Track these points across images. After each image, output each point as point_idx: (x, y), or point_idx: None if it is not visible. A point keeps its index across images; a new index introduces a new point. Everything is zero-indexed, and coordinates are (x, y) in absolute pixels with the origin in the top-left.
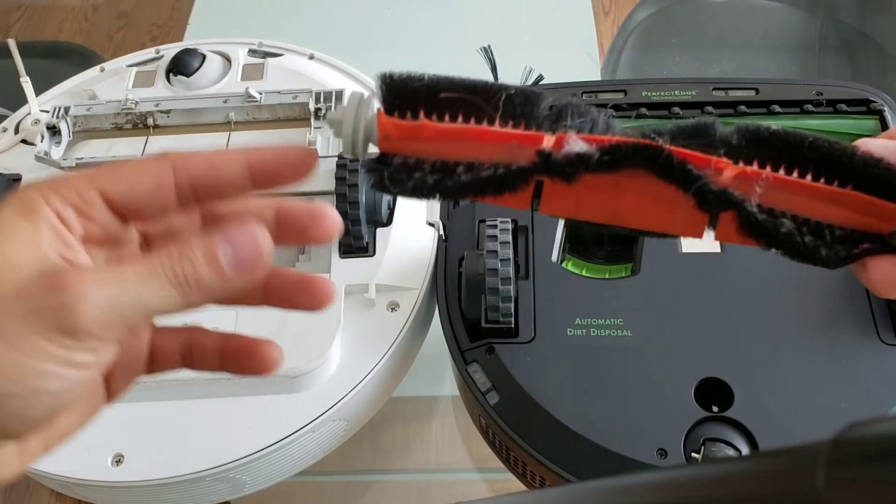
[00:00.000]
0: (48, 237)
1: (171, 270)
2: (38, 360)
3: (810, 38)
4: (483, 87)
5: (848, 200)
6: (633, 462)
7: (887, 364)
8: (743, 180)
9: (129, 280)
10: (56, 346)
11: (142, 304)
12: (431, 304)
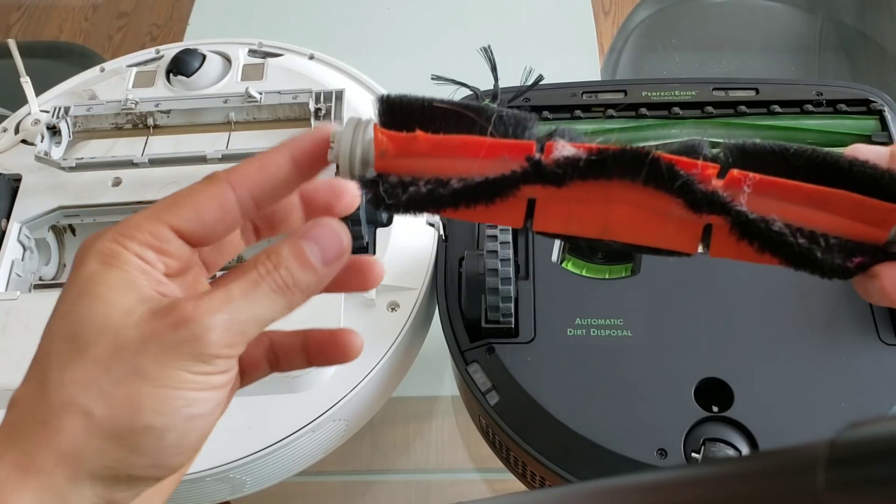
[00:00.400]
0: (141, 279)
1: (272, 281)
2: (184, 390)
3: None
4: (476, 107)
5: (837, 202)
6: (633, 462)
7: (887, 364)
8: (731, 183)
9: (238, 299)
10: (196, 374)
11: (255, 317)
12: (431, 304)
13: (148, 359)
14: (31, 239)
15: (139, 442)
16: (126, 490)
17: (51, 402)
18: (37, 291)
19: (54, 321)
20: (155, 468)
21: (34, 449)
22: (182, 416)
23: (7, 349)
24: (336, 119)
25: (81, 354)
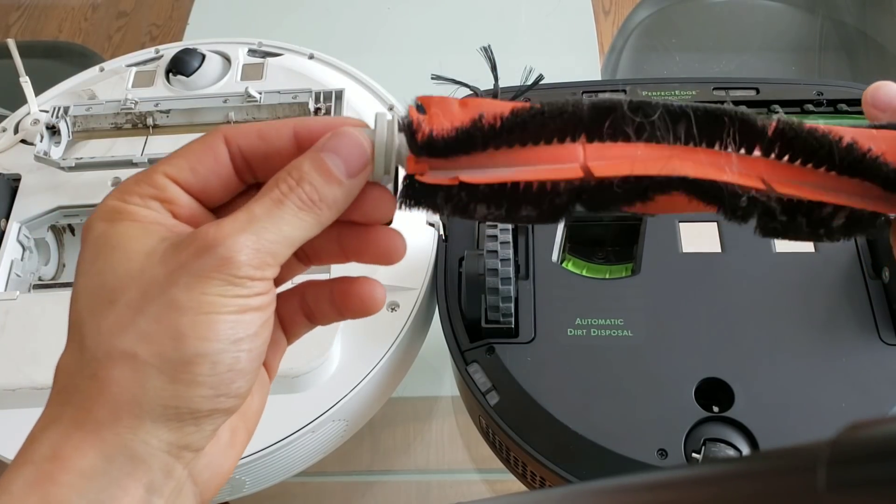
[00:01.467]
0: (153, 225)
1: (296, 197)
2: (224, 313)
3: (811, 37)
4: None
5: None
6: (633, 462)
7: (888, 364)
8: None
9: (262, 219)
10: (232, 296)
11: (283, 237)
12: (431, 304)
13: (180, 290)
14: (31, 239)
15: (194, 371)
16: (195, 429)
17: (94, 355)
18: (36, 291)
19: (78, 284)
20: (217, 398)
21: (89, 404)
22: (228, 337)
23: (6, 349)
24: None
25: (112, 303)
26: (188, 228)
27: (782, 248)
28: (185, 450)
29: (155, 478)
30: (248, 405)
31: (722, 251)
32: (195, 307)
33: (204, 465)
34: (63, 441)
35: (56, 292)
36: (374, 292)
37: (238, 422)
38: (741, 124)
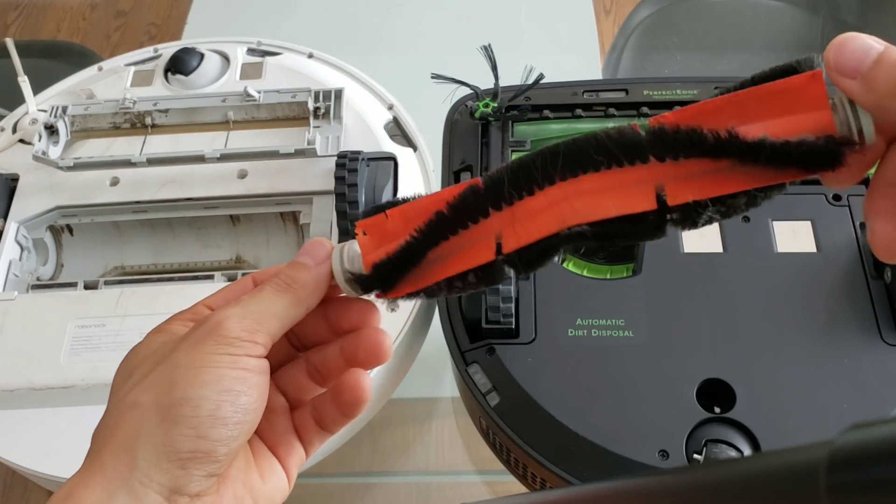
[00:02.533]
0: (178, 330)
1: (273, 283)
2: (212, 367)
3: (812, 37)
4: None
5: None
6: (634, 464)
7: (890, 364)
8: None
9: (247, 299)
10: (222, 353)
11: (265, 307)
12: (431, 304)
13: (180, 353)
14: (29, 239)
15: (178, 413)
16: (181, 472)
17: (110, 410)
18: (34, 292)
19: (115, 375)
20: (197, 439)
21: (100, 450)
22: (214, 388)
23: (4, 350)
24: (335, 118)
25: (132, 374)
26: None
27: (784, 248)
28: (178, 493)
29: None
30: (255, 482)
31: (723, 251)
32: (189, 363)
33: None
34: (77, 482)
35: (54, 292)
36: (359, 384)
37: (244, 493)
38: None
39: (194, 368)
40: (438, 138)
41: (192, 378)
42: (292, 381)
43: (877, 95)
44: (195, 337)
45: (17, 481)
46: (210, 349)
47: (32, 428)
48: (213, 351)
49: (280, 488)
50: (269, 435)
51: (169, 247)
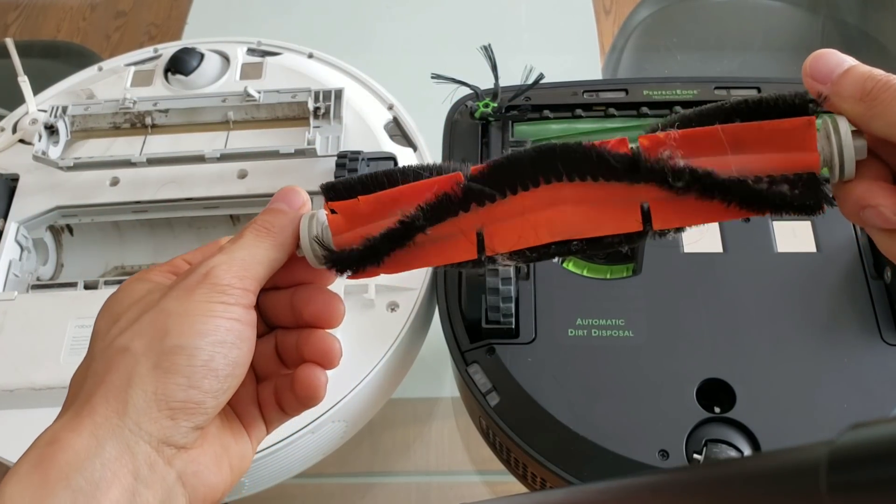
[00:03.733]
0: (159, 279)
1: (252, 229)
2: (205, 316)
3: (812, 37)
4: (402, 169)
5: (754, 137)
6: (634, 463)
7: (890, 364)
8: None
9: (230, 247)
10: (215, 302)
11: (249, 253)
12: (431, 304)
13: (171, 300)
14: (29, 239)
15: (172, 361)
16: (171, 423)
17: (97, 355)
18: (34, 292)
19: (95, 323)
20: (190, 389)
21: (88, 396)
22: (209, 339)
23: (4, 350)
24: (335, 118)
25: (117, 320)
26: None
27: (784, 248)
28: (165, 444)
29: (140, 466)
30: (229, 441)
31: (723, 251)
32: (181, 311)
33: (192, 472)
34: (63, 427)
35: (54, 292)
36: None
37: (221, 451)
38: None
39: (188, 316)
40: (438, 138)
41: (187, 326)
42: (261, 355)
43: (840, 98)
44: (185, 284)
45: None
46: (202, 297)
47: (33, 428)
48: (205, 299)
49: (247, 456)
50: (237, 402)
51: (169, 247)
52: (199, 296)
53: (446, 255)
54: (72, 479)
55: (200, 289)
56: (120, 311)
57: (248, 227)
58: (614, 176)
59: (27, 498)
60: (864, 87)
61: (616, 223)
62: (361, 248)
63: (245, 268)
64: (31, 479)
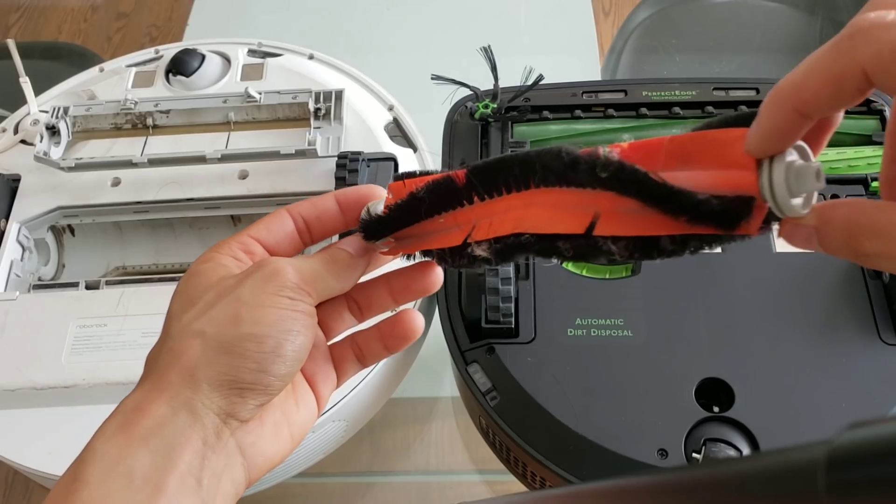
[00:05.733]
0: (233, 263)
1: (323, 256)
2: (276, 308)
3: (810, 38)
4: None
5: (697, 150)
6: (633, 462)
7: (888, 364)
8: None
9: (304, 260)
10: (282, 296)
11: (315, 272)
12: (431, 304)
13: (245, 290)
14: (31, 239)
15: (244, 347)
16: (239, 399)
17: (173, 336)
18: (35, 292)
19: (171, 303)
20: (259, 372)
21: (164, 371)
22: (277, 328)
23: (6, 349)
24: (336, 119)
25: (194, 304)
26: None
27: (782, 248)
28: (232, 417)
29: (208, 434)
30: (291, 410)
31: (722, 251)
32: (253, 301)
33: (250, 443)
34: (144, 397)
35: (55, 292)
36: (414, 321)
37: (281, 420)
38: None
39: (260, 307)
40: (438, 139)
41: (259, 315)
42: (332, 313)
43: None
44: (258, 277)
45: (18, 481)
46: (273, 290)
47: (34, 427)
48: (275, 292)
49: (311, 415)
50: (308, 366)
51: (170, 247)
52: (270, 288)
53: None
54: (150, 441)
55: (271, 283)
56: (195, 294)
57: (321, 252)
58: (571, 180)
59: (113, 454)
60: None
61: (566, 224)
62: (381, 216)
63: (309, 280)
64: (116, 440)
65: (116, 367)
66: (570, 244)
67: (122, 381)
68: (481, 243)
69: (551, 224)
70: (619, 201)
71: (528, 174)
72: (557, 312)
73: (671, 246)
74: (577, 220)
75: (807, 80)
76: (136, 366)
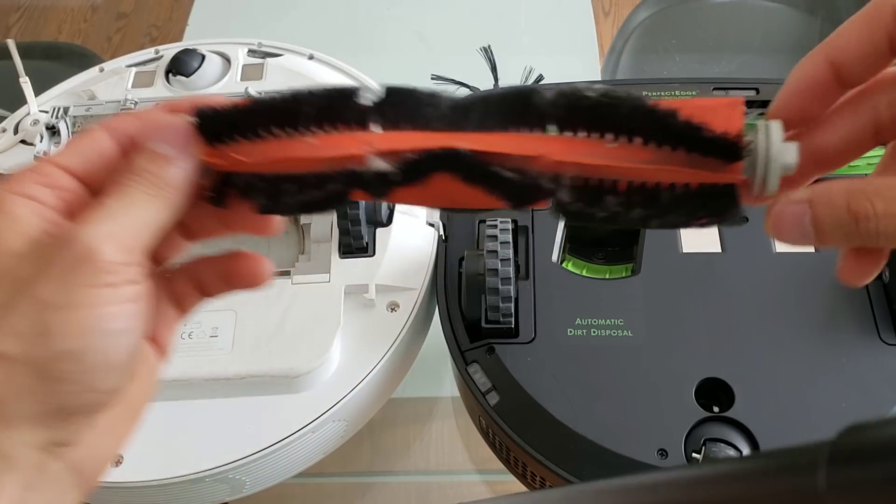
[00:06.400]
0: (31, 219)
1: (138, 184)
2: (93, 307)
3: (810, 38)
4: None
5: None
6: (633, 462)
7: (888, 364)
8: (555, 166)
9: (117, 210)
10: (101, 287)
11: (139, 221)
12: (431, 305)
13: (49, 287)
14: None
15: (60, 369)
16: (65, 425)
17: None
18: None
19: None
20: (86, 392)
21: None
22: (99, 335)
23: None
24: None
25: None
26: (64, 222)
27: (782, 248)
28: (58, 446)
29: (28, 476)
30: (128, 391)
31: (722, 251)
32: (62, 303)
33: (82, 457)
34: None
35: None
36: (260, 267)
37: (117, 409)
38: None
39: (70, 310)
40: None
41: (72, 324)
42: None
43: None
44: (63, 265)
45: None
46: (86, 281)
47: None
48: (89, 283)
49: (154, 378)
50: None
51: None
52: (82, 279)
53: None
54: None
55: (81, 272)
56: None
57: (134, 184)
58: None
59: None
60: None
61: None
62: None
63: (134, 237)
64: None
65: None
66: (513, 172)
67: None
68: (389, 155)
69: (493, 144)
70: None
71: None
72: (557, 312)
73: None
74: (527, 142)
75: (842, 30)
76: None
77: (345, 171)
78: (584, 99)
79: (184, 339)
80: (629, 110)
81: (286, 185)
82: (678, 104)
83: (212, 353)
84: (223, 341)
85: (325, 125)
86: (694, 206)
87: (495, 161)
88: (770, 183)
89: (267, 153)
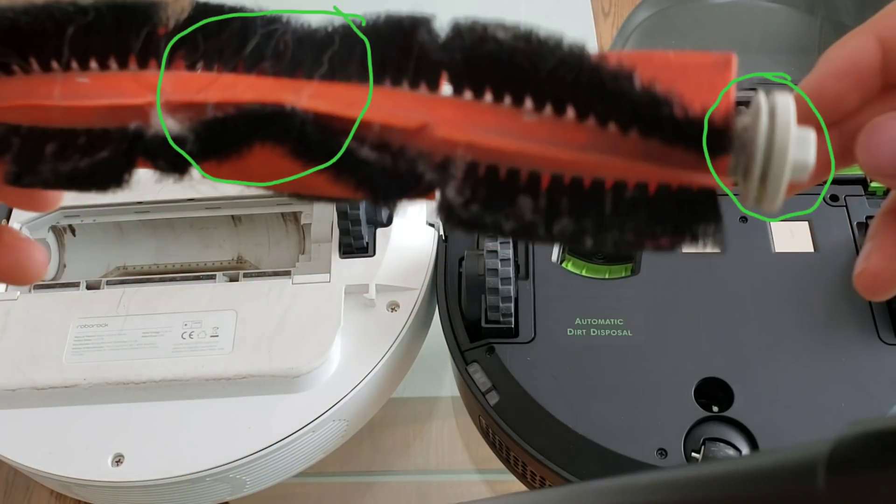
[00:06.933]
0: None
1: None
2: None
3: (810, 39)
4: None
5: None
6: (633, 462)
7: (887, 364)
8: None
9: None
10: None
11: None
12: (431, 304)
13: None
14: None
15: None
16: None
17: None
18: (37, 291)
19: None
20: None
21: None
22: None
23: (7, 349)
24: None
25: None
26: None
27: (781, 248)
28: None
29: None
30: None
31: (721, 251)
32: None
33: None
34: None
35: (57, 292)
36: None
37: None
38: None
39: None
40: None
41: None
42: None
43: None
44: None
45: (19, 480)
46: None
47: (35, 427)
48: None
49: None
50: None
51: (171, 247)
52: None
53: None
54: None
55: None
56: None
57: None
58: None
59: None
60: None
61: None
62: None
63: None
64: None
65: (117, 367)
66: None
67: (122, 381)
68: (183, 108)
69: (346, 101)
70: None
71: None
72: (557, 312)
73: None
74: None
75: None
76: (138, 366)
77: (119, 129)
78: (491, 42)
79: (184, 338)
80: (559, 64)
81: (46, 145)
82: (638, 58)
83: (212, 353)
84: (224, 341)
85: (103, 57)
86: (651, 218)
87: (346, 130)
88: (771, 189)
89: (14, 94)
